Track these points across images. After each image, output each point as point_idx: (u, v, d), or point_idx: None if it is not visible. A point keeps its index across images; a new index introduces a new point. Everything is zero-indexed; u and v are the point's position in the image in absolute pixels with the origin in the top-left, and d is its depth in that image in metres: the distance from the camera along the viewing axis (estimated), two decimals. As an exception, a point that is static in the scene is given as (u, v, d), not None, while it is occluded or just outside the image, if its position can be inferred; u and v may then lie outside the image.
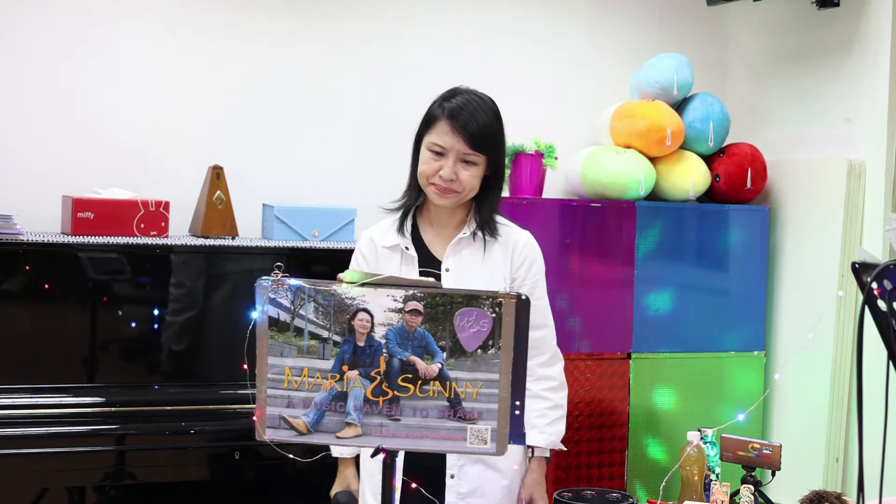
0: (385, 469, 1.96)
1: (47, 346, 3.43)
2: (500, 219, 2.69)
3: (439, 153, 2.54)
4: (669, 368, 4.03)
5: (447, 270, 2.61)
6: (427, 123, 2.59)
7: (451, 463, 2.59)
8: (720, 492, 2.58)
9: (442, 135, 2.54)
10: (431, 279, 1.96)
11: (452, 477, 2.59)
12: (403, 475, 2.56)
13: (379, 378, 1.91)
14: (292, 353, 1.92)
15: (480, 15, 4.40)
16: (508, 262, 2.65)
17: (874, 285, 1.87)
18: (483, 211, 2.63)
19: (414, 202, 2.66)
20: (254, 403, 1.94)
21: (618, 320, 3.95)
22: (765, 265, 4.17)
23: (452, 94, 2.59)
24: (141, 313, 3.54)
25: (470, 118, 2.52)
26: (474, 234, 2.63)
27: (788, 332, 4.18)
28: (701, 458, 2.74)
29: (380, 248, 2.65)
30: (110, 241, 3.51)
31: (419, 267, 2.62)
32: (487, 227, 2.63)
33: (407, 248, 2.64)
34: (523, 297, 1.92)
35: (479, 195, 2.62)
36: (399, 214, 2.67)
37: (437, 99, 2.61)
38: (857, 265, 1.97)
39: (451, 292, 1.93)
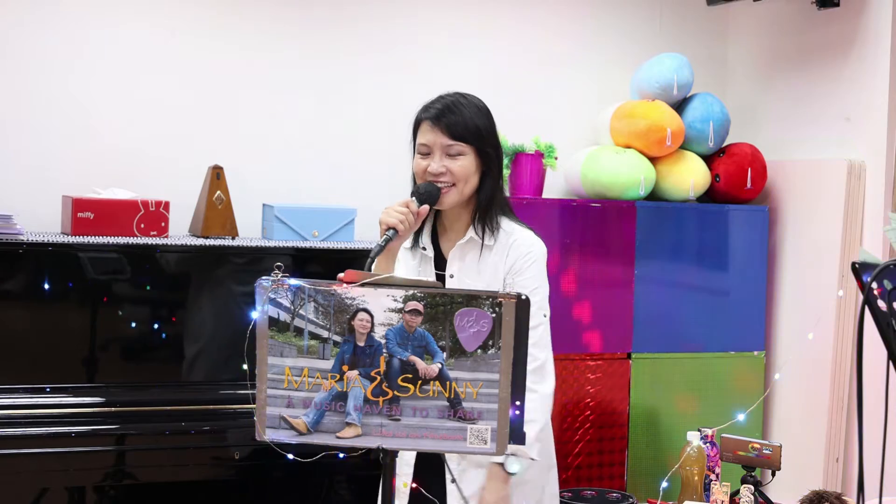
0: (385, 469, 1.96)
1: (47, 346, 3.42)
2: (506, 222, 2.67)
3: (426, 153, 2.59)
4: (669, 368, 4.03)
5: (451, 276, 2.63)
6: (414, 131, 2.65)
7: (452, 468, 2.59)
8: (720, 492, 2.59)
9: (425, 133, 2.59)
10: (432, 279, 1.96)
11: (453, 482, 2.59)
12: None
13: (379, 378, 1.91)
14: (292, 353, 1.92)
15: (480, 15, 4.40)
16: (503, 263, 2.63)
17: (874, 285, 1.87)
18: (481, 208, 2.63)
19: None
20: (254, 403, 1.94)
21: (618, 320, 3.95)
22: (765, 265, 4.17)
23: (433, 100, 2.65)
24: (141, 313, 3.54)
25: (448, 112, 2.58)
26: (473, 238, 2.64)
27: (788, 332, 4.19)
28: (701, 458, 2.74)
29: (401, 249, 2.66)
30: (110, 241, 3.51)
31: (435, 268, 2.65)
32: (488, 227, 2.63)
33: (424, 249, 2.66)
34: (523, 297, 1.92)
35: (479, 194, 2.63)
36: None
37: (421, 107, 2.66)
38: (857, 265, 1.97)
39: (451, 292, 1.93)
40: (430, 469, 2.57)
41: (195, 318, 3.59)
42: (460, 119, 2.58)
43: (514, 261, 2.63)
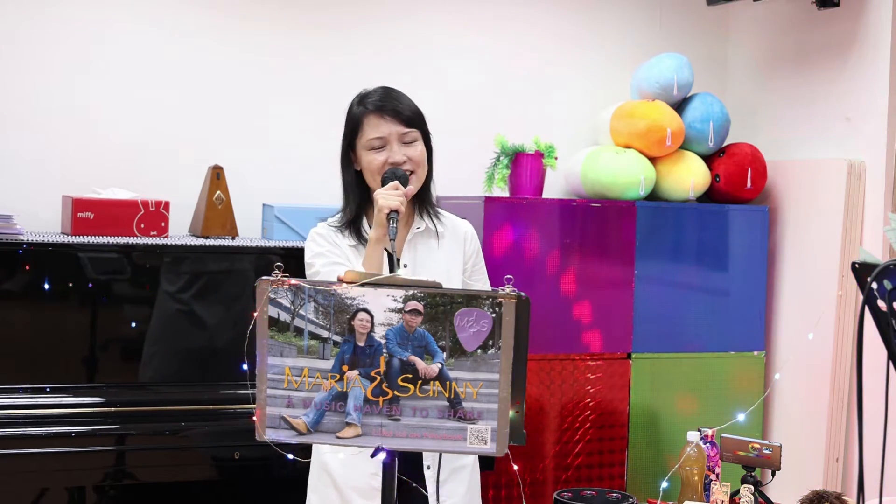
0: (385, 469, 1.96)
1: (47, 346, 3.42)
2: (440, 210, 2.75)
3: (380, 147, 2.58)
4: (669, 368, 4.03)
5: (405, 266, 2.64)
6: (354, 129, 2.63)
7: (426, 455, 2.60)
8: (720, 492, 2.59)
9: (375, 127, 2.59)
10: (432, 279, 1.96)
11: (429, 468, 2.60)
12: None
13: (379, 378, 1.91)
14: (292, 353, 1.92)
15: (480, 15, 4.40)
16: (461, 253, 2.72)
17: (874, 285, 1.87)
18: (423, 198, 2.67)
19: (354, 215, 2.67)
20: (254, 403, 1.93)
21: (618, 320, 3.95)
22: (765, 265, 4.17)
23: (365, 94, 2.65)
24: (141, 313, 3.54)
25: (390, 99, 2.60)
26: (428, 227, 2.68)
27: (788, 332, 4.18)
28: (701, 458, 2.74)
29: (343, 245, 2.65)
30: (110, 241, 3.51)
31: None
32: (434, 214, 2.69)
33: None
34: (523, 297, 1.91)
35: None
36: (349, 229, 2.66)
37: (351, 104, 2.66)
38: (857, 265, 1.96)
39: (451, 292, 1.93)
40: (405, 455, 2.56)
41: (195, 318, 3.59)
42: (405, 105, 2.61)
43: (471, 253, 2.74)
